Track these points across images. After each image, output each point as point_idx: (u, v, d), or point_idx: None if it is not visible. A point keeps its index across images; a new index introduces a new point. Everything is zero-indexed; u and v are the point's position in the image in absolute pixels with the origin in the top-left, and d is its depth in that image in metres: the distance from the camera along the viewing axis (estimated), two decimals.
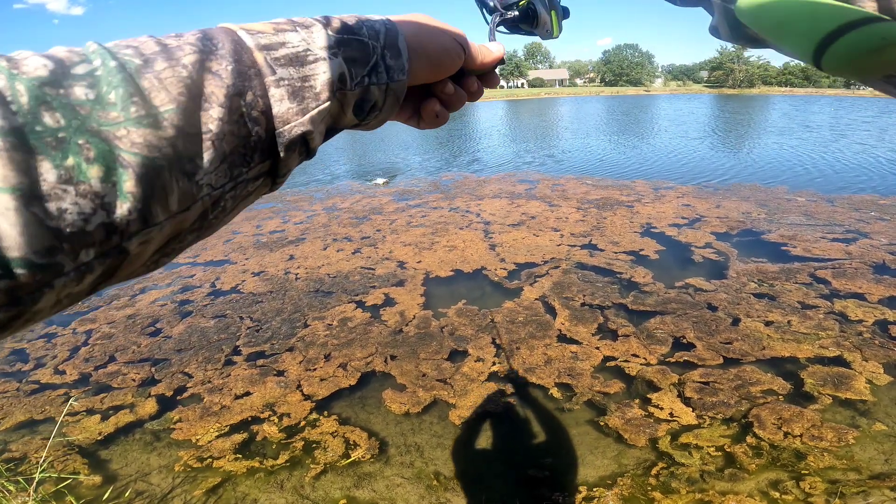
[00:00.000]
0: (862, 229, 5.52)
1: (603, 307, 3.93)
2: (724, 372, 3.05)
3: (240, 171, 0.31)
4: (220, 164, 0.29)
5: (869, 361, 3.08)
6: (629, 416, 2.74)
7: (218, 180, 0.29)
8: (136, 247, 0.27)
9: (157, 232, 0.27)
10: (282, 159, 0.33)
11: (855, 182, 8.15)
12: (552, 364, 3.22)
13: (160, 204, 0.27)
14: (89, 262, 0.25)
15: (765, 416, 2.66)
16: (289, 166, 0.35)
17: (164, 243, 0.29)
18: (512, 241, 5.60)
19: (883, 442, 2.49)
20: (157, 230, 0.27)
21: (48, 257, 0.23)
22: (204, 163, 0.28)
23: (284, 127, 0.32)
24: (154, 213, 0.26)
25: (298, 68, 0.33)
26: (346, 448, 2.65)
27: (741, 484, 2.29)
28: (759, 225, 5.82)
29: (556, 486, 2.37)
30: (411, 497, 2.34)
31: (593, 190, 8.04)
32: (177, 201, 0.27)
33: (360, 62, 0.37)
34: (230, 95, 0.29)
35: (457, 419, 2.79)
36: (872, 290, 4.00)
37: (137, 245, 0.27)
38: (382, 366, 3.33)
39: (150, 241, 0.27)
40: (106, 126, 0.25)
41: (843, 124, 18.97)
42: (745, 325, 3.58)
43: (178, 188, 0.27)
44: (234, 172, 0.30)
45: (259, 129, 0.31)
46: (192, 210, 0.29)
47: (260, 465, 2.58)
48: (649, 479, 2.35)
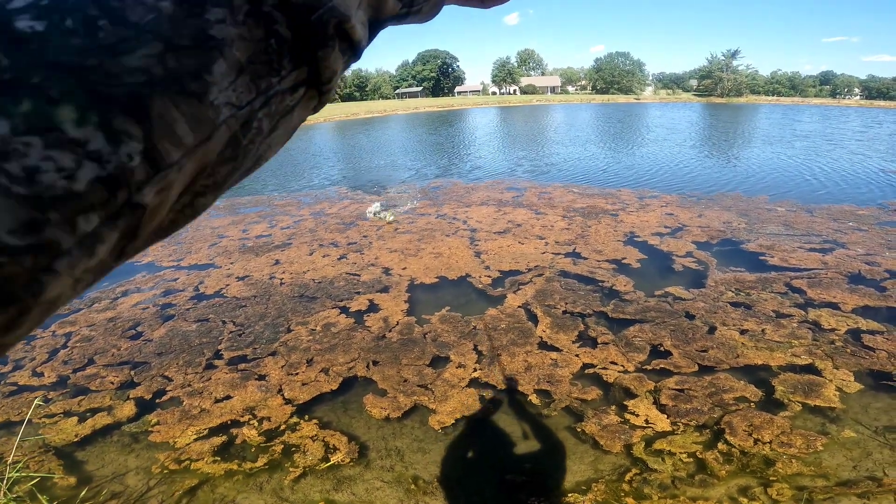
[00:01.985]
0: (839, 239, 5.64)
1: (584, 315, 3.99)
2: (698, 379, 3.11)
3: (268, 82, 0.26)
4: (238, 77, 0.24)
5: (840, 369, 3.16)
6: (606, 423, 2.78)
7: (240, 97, 0.25)
8: (153, 197, 0.22)
9: (175, 173, 0.23)
10: (320, 60, 0.28)
11: (834, 193, 8.33)
12: (532, 371, 3.26)
13: (168, 138, 0.22)
14: (95, 231, 0.20)
15: (736, 423, 2.72)
16: (332, 68, 0.29)
17: (191, 182, 0.25)
18: (497, 249, 5.65)
19: (852, 449, 2.55)
20: (175, 171, 0.23)
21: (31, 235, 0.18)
22: (213, 77, 0.23)
23: (311, 17, 0.26)
24: (164, 152, 0.22)
25: None
26: (325, 452, 2.67)
27: (711, 490, 2.34)
28: (738, 235, 5.93)
29: (533, 490, 2.40)
30: (390, 500, 2.36)
31: (579, 198, 8.13)
32: (189, 130, 0.23)
33: None
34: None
35: (437, 424, 2.82)
36: (846, 299, 4.10)
37: (154, 195, 0.22)
38: (364, 371, 3.35)
39: (170, 185, 0.23)
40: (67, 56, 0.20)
41: (826, 134, 19.37)
42: (720, 333, 3.65)
43: (186, 114, 0.23)
44: (260, 85, 0.26)
45: (278, 26, 0.25)
46: (215, 137, 0.24)
47: (239, 467, 2.59)
48: (623, 485, 2.39)
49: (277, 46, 0.26)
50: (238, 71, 0.24)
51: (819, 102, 59.03)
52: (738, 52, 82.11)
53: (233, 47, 0.24)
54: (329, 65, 0.28)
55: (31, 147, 0.18)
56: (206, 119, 0.24)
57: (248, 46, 0.25)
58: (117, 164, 0.20)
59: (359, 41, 0.30)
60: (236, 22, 0.24)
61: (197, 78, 0.23)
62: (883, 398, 2.91)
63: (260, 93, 0.26)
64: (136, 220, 0.22)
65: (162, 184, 0.22)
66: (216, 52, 0.23)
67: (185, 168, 0.23)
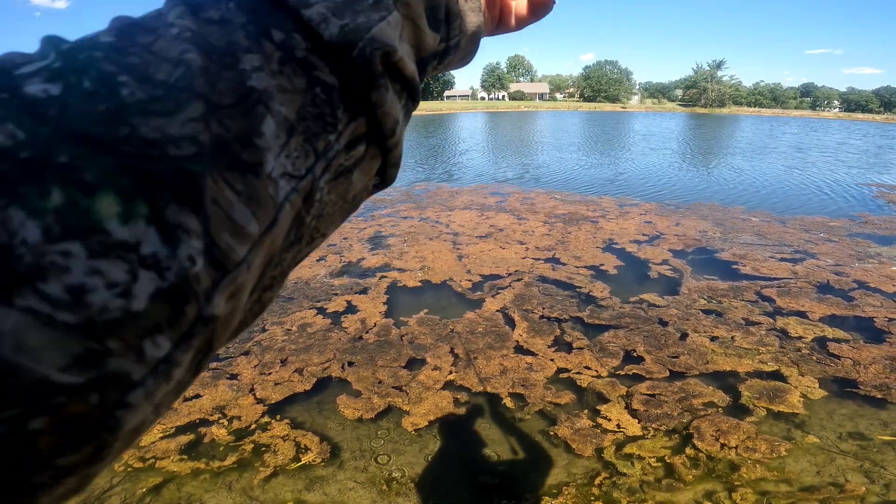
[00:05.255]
0: (810, 250, 5.80)
1: (560, 320, 4.03)
2: (669, 385, 3.17)
3: (325, 140, 0.22)
4: (290, 139, 0.21)
5: (805, 376, 3.24)
6: (578, 427, 2.81)
7: (297, 164, 0.21)
8: (225, 305, 0.18)
9: (244, 273, 0.19)
10: (376, 106, 0.24)
11: (808, 204, 8.56)
12: (507, 374, 3.29)
13: (228, 230, 0.18)
14: (168, 356, 0.17)
15: (704, 428, 2.77)
16: (392, 115, 0.25)
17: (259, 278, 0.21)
18: (479, 253, 5.68)
19: (816, 454, 2.62)
20: (245, 270, 0.19)
21: (90, 370, 0.15)
22: (265, 140, 0.19)
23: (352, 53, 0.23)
24: (228, 249, 0.18)
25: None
26: (297, 451, 2.65)
27: (678, 494, 2.38)
28: (713, 243, 6.06)
29: (505, 493, 2.42)
30: (363, 501, 2.36)
31: (561, 205, 8.21)
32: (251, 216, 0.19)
33: None
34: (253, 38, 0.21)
35: (410, 426, 2.82)
36: (815, 308, 4.22)
37: (225, 303, 0.18)
38: (339, 372, 3.33)
39: (242, 288, 0.19)
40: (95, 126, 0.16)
41: (804, 146, 19.90)
42: (691, 339, 3.72)
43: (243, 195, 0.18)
44: (317, 145, 0.22)
45: (319, 72, 0.22)
46: (280, 220, 0.20)
47: (206, 466, 2.56)
48: (592, 489, 2.42)
49: (325, 96, 0.22)
50: (289, 131, 0.20)
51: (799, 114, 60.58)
52: (724, 63, 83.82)
53: (276, 101, 0.20)
54: (387, 110, 0.24)
55: (72, 258, 0.14)
56: (267, 199, 0.19)
57: (292, 99, 0.21)
58: (178, 270, 0.16)
59: (412, 77, 0.26)
60: (273, 71, 0.20)
61: (247, 144, 0.19)
62: (847, 405, 3.00)
63: (319, 156, 0.22)
64: (210, 334, 0.18)
65: (232, 288, 0.18)
66: (262, 106, 0.20)
67: (255, 264, 0.19)
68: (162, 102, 0.17)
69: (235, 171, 0.18)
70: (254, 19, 0.21)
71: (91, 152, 0.15)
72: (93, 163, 0.15)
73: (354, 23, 0.23)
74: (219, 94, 0.19)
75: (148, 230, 0.16)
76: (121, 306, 0.15)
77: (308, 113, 0.21)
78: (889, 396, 3.05)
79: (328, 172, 0.23)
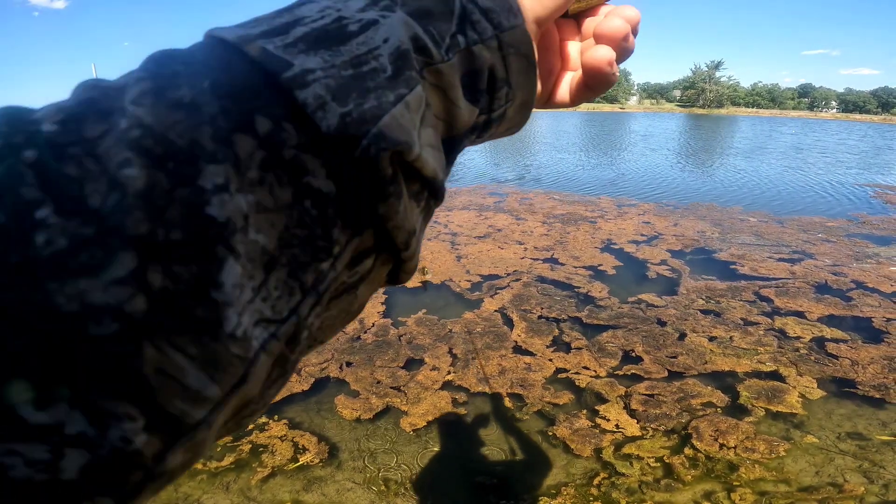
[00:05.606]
0: (808, 250, 5.81)
1: (559, 320, 4.03)
2: (668, 385, 3.17)
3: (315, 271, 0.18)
4: (268, 277, 0.16)
5: (804, 376, 3.25)
6: (577, 427, 2.81)
7: (278, 307, 0.17)
8: (182, 457, 0.16)
9: (204, 431, 0.16)
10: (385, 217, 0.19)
11: (806, 204, 8.58)
12: (506, 374, 3.28)
13: (183, 398, 0.15)
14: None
15: (703, 428, 2.77)
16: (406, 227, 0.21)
17: (233, 415, 0.18)
18: (477, 253, 5.68)
19: (815, 454, 2.62)
20: (204, 429, 0.16)
21: None
22: (225, 293, 0.15)
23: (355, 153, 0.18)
24: (182, 414, 0.15)
25: (335, 48, 0.18)
26: (295, 452, 2.65)
27: (677, 494, 2.38)
28: (711, 244, 6.06)
29: (503, 493, 2.42)
30: (361, 501, 2.35)
31: (559, 205, 8.22)
32: (209, 381, 0.16)
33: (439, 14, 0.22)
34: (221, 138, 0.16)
35: (409, 426, 2.82)
36: (813, 308, 4.22)
37: (182, 455, 0.16)
38: (337, 372, 3.33)
39: (202, 442, 0.17)
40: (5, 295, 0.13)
41: (802, 147, 19.92)
42: (690, 339, 3.72)
43: (197, 360, 0.15)
44: (304, 280, 0.18)
45: (311, 178, 0.17)
46: (253, 375, 0.17)
47: (204, 466, 2.54)
48: (591, 489, 2.42)
49: (318, 211, 0.17)
50: (266, 266, 0.16)
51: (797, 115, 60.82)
52: (722, 64, 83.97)
53: (248, 231, 0.16)
54: (398, 223, 0.20)
55: None
56: (230, 359, 0.16)
57: (273, 221, 0.16)
58: (111, 450, 0.14)
59: (433, 177, 0.21)
60: (249, 183, 0.16)
61: (200, 300, 0.15)
62: (846, 405, 3.00)
63: (307, 292, 0.18)
64: (167, 480, 0.16)
65: (189, 445, 0.16)
66: (222, 246, 0.15)
67: (218, 421, 0.17)
68: (88, 251, 0.14)
69: (185, 334, 0.15)
70: (230, 107, 0.16)
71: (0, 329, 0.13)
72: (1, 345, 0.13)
73: (360, 109, 0.18)
74: (166, 226, 0.14)
75: (72, 412, 0.14)
76: (46, 479, 0.13)
77: (294, 238, 0.17)
78: (887, 396, 3.05)
79: (320, 305, 0.19)
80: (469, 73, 0.22)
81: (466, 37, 0.22)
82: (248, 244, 0.16)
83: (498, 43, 0.23)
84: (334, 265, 0.18)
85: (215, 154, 0.16)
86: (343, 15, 0.19)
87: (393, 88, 0.19)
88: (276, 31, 0.18)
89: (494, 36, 0.23)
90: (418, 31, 0.21)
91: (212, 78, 0.17)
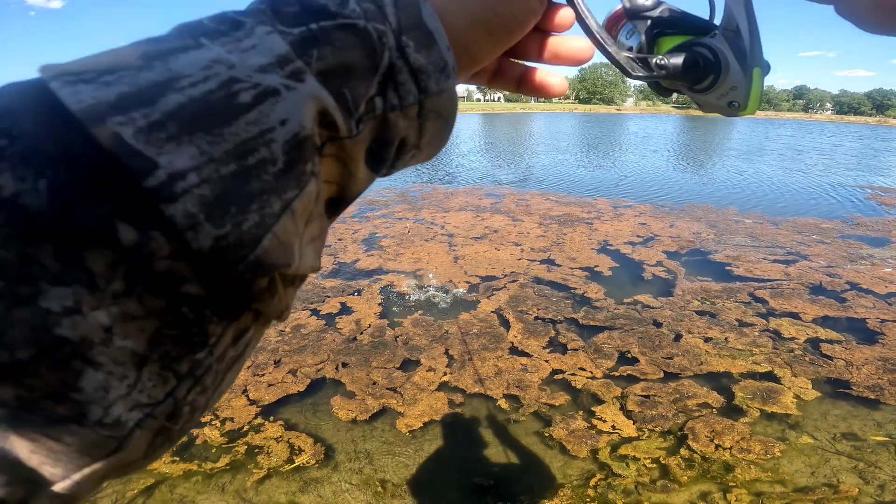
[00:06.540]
0: (802, 251, 5.84)
1: (555, 321, 4.03)
2: (664, 386, 3.17)
3: (190, 361, 0.17)
4: (141, 372, 0.16)
5: (798, 377, 3.26)
6: (573, 428, 2.81)
7: (155, 392, 0.17)
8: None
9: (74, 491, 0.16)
10: (260, 309, 0.19)
11: (800, 206, 8.63)
12: (502, 375, 3.28)
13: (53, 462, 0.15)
14: None
15: (699, 429, 2.78)
16: (279, 306, 0.20)
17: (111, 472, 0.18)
18: (474, 254, 5.68)
19: (810, 455, 2.63)
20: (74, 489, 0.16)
21: None
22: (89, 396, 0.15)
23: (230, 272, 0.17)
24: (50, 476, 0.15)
25: (217, 131, 0.15)
26: (291, 453, 2.64)
27: (673, 495, 2.39)
28: (707, 245, 6.08)
29: (500, 494, 2.41)
30: (357, 503, 2.35)
31: (556, 206, 8.23)
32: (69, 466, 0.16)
33: (361, 72, 0.19)
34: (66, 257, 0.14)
35: (405, 427, 2.81)
36: (807, 309, 4.24)
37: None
38: (333, 373, 3.32)
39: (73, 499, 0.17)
40: None
41: (797, 148, 20.02)
42: (686, 340, 3.73)
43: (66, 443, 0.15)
44: (179, 369, 0.17)
45: (189, 287, 0.16)
46: (129, 445, 0.17)
47: (199, 468, 2.54)
48: (588, 490, 2.42)
49: (195, 315, 0.17)
50: (138, 364, 0.16)
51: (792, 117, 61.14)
52: None
53: (112, 341, 0.15)
54: (272, 309, 0.19)
55: None
56: (100, 440, 0.16)
57: (142, 327, 0.16)
58: None
59: (310, 272, 0.21)
60: (110, 295, 0.15)
61: (61, 402, 0.15)
62: (841, 406, 3.01)
63: (182, 378, 0.17)
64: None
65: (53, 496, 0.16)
66: (79, 360, 0.15)
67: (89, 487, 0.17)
68: None
69: (50, 426, 0.15)
70: (78, 215, 0.14)
71: None
72: None
73: (238, 232, 0.16)
74: (8, 348, 0.14)
75: None
76: None
77: (167, 337, 0.16)
78: (882, 397, 3.06)
79: (200, 385, 0.18)
80: (377, 140, 0.21)
81: (385, 101, 0.20)
82: (112, 352, 0.15)
83: (419, 109, 0.21)
84: (211, 352, 0.18)
85: (60, 276, 0.14)
86: (235, 76, 0.16)
87: (280, 192, 0.17)
88: (139, 98, 0.14)
89: (417, 101, 0.21)
90: (327, 105, 0.18)
91: (48, 174, 0.14)
